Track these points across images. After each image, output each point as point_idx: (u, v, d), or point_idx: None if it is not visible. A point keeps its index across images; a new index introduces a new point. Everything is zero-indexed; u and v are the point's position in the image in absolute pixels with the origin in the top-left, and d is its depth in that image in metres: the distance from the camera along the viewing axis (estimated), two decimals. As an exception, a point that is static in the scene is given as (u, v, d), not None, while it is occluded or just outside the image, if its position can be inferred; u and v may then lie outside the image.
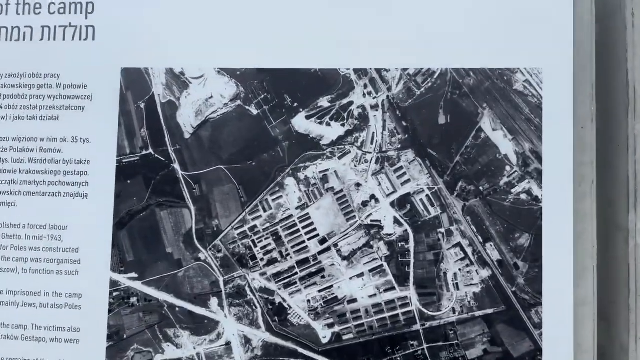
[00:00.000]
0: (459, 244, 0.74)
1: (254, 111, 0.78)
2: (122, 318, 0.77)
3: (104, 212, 0.79)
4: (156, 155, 0.79)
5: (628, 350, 0.71)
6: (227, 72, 0.78)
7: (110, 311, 0.77)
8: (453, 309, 0.73)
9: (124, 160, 0.79)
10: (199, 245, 0.77)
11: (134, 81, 0.80)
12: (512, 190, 0.73)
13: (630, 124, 0.73)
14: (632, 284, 0.71)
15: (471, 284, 0.73)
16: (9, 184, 0.80)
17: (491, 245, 0.73)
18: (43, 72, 0.81)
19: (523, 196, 0.73)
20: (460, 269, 0.73)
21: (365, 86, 0.76)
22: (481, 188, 0.74)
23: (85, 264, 0.79)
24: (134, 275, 0.78)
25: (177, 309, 0.77)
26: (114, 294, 0.78)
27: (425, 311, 0.73)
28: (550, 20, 0.73)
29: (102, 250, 0.78)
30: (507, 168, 0.73)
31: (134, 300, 0.77)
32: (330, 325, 0.75)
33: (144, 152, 0.79)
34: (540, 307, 0.72)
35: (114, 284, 0.78)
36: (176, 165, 0.78)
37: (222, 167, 0.78)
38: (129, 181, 0.79)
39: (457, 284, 0.73)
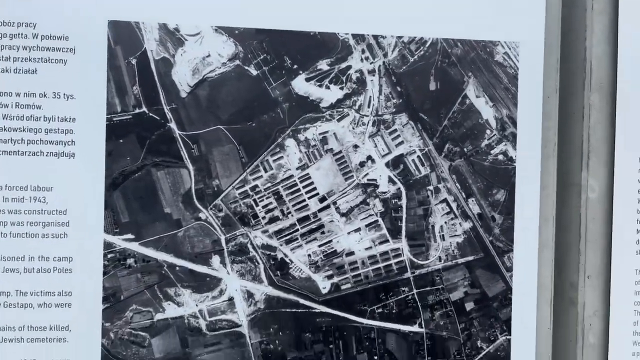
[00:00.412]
0: (445, 200, 0.82)
1: (254, 72, 0.78)
2: (119, 279, 0.76)
3: (94, 172, 0.76)
4: (150, 114, 0.76)
5: (577, 287, 0.84)
6: (225, 30, 0.77)
7: (105, 273, 0.76)
8: (439, 257, 0.82)
9: (114, 119, 0.76)
10: (199, 205, 0.77)
11: (124, 35, 0.76)
12: (491, 152, 0.82)
13: (586, 95, 0.84)
14: (583, 231, 0.84)
15: (455, 235, 0.82)
16: (-18, 143, 0.74)
17: (473, 201, 0.82)
18: (16, 21, 0.74)
19: (500, 157, 0.82)
20: (445, 222, 0.82)
21: (363, 51, 0.80)
22: (465, 149, 0.82)
23: (75, 226, 0.75)
24: (130, 236, 0.76)
25: (177, 268, 0.77)
26: (109, 255, 0.76)
27: (415, 260, 0.81)
28: (527, 1, 0.82)
29: (93, 211, 0.76)
30: (488, 132, 0.82)
31: (130, 261, 0.76)
32: (330, 277, 0.80)
33: (137, 111, 0.76)
34: (511, 253, 0.82)
35: (108, 245, 0.76)
36: (172, 125, 0.77)
37: (221, 127, 0.77)
38: (121, 140, 0.76)
39: (443, 235, 0.82)
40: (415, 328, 0.81)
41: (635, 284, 0.83)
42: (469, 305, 0.82)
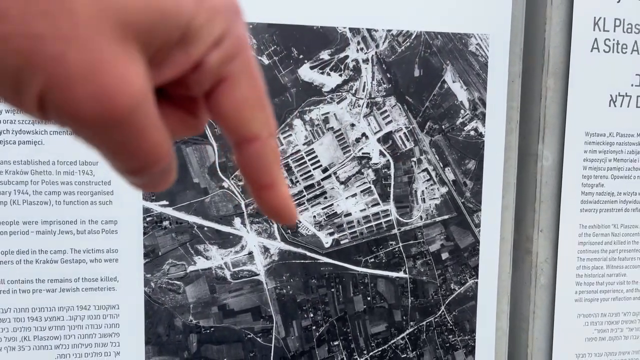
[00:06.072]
0: (426, 169, 0.98)
1: (266, 61, 0.91)
2: (157, 238, 0.91)
3: (132, 149, 0.89)
4: (179, 99, 0.89)
5: (532, 239, 1.03)
6: (241, 25, 0.90)
7: (145, 233, 0.90)
8: (420, 216, 0.98)
9: (148, 103, 0.88)
10: (222, 176, 0.92)
11: (153, 30, 0.88)
12: (465, 129, 0.98)
13: (544, 79, 1.00)
14: (538, 193, 1.02)
15: (433, 198, 0.98)
16: (33, 123, 0.86)
17: (448, 169, 0.98)
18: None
19: (472, 132, 0.98)
20: (426, 187, 0.98)
21: (359, 43, 0.93)
22: (443, 127, 0.97)
23: (118, 194, 0.89)
24: (165, 202, 0.90)
25: (205, 228, 0.92)
26: (148, 219, 0.90)
27: (401, 219, 0.98)
28: (497, -2, 0.96)
29: (133, 182, 0.89)
30: (462, 111, 0.97)
31: (166, 223, 0.91)
32: (331, 234, 0.96)
33: (167, 96, 0.89)
34: (479, 212, 0.99)
35: (146, 210, 0.90)
36: (198, 108, 0.90)
37: (239, 109, 0.91)
38: (154, 121, 0.89)
39: (424, 198, 0.98)
40: (400, 274, 0.98)
41: (579, 237, 1.01)
42: (445, 255, 0.99)
